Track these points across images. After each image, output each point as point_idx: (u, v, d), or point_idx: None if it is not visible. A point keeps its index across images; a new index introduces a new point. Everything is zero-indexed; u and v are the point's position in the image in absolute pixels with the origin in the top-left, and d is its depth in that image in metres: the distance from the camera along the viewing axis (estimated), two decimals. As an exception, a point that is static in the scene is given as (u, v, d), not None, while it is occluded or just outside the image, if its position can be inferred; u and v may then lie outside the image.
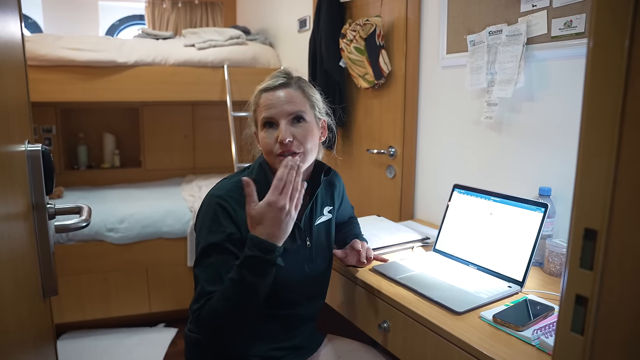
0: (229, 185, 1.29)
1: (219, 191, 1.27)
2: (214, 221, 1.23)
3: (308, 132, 1.29)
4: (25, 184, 0.94)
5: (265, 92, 1.30)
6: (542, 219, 1.34)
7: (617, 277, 0.62)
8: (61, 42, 2.94)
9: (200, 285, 1.19)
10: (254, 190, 1.14)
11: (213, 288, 1.17)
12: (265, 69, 3.34)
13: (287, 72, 1.35)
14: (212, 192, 1.28)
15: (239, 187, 1.25)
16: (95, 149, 3.78)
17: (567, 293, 0.69)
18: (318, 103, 1.36)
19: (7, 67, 0.87)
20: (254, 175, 1.31)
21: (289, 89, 1.30)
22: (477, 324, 1.15)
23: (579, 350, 0.68)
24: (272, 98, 1.28)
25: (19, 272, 0.83)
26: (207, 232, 1.22)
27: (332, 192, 1.47)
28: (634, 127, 0.58)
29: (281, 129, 1.26)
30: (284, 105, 1.27)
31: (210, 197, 1.26)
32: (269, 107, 1.27)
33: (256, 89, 1.35)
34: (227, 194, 1.25)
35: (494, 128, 1.73)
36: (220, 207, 1.23)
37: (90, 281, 2.79)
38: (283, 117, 1.26)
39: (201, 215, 1.27)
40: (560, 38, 1.45)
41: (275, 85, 1.30)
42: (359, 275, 1.45)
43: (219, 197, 1.24)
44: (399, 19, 2.18)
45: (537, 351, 1.02)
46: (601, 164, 0.62)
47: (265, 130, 1.29)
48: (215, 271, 1.19)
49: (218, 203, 1.23)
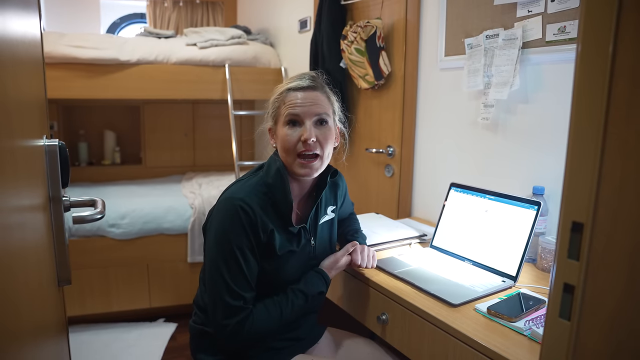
0: (248, 188, 1.30)
1: (240, 193, 1.27)
2: (238, 225, 1.24)
3: (329, 136, 1.33)
4: (43, 177, 0.98)
5: (293, 91, 1.33)
6: (535, 216, 1.39)
7: (601, 266, 0.67)
8: (64, 39, 2.98)
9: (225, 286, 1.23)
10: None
11: (246, 294, 1.24)
12: (266, 68, 3.38)
13: (314, 75, 1.38)
14: (232, 194, 1.28)
15: (259, 189, 1.30)
16: (96, 146, 3.81)
17: (555, 282, 0.74)
18: (338, 110, 1.41)
19: (29, 64, 0.91)
20: (271, 179, 1.32)
21: (317, 92, 1.33)
22: (472, 316, 1.20)
23: (566, 334, 0.73)
24: (301, 97, 1.31)
25: (39, 261, 0.88)
26: (235, 235, 1.24)
27: (335, 193, 1.52)
28: (617, 129, 0.63)
29: (306, 128, 1.29)
30: (312, 106, 1.30)
31: (232, 200, 1.26)
32: (297, 105, 1.30)
33: (281, 87, 1.37)
34: (248, 196, 1.26)
35: (490, 129, 1.79)
36: (243, 211, 1.24)
37: (92, 276, 2.83)
38: (309, 117, 1.30)
39: (220, 217, 1.27)
40: (555, 43, 1.50)
41: (304, 86, 1.33)
42: (358, 270, 1.50)
43: (241, 200, 1.25)
44: (398, 21, 2.23)
45: (529, 341, 1.07)
46: (587, 162, 0.67)
47: (288, 127, 1.31)
48: (242, 275, 1.24)
49: (241, 207, 1.24)
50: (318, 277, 1.37)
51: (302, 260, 1.38)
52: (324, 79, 1.40)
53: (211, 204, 3.02)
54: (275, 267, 1.31)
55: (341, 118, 1.42)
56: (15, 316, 0.70)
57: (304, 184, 1.39)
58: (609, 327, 0.67)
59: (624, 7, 0.61)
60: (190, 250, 2.99)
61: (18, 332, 0.72)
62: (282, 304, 1.30)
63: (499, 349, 1.04)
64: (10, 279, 0.68)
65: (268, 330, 1.27)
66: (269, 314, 1.27)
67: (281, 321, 1.29)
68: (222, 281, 1.23)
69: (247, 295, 1.24)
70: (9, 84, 0.74)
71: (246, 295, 1.24)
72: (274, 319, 1.27)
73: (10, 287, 0.68)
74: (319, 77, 1.39)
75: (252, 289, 1.26)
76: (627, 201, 0.63)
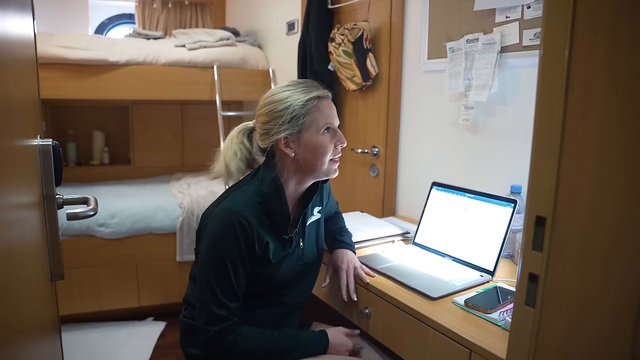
0: (244, 200, 1.32)
1: (237, 206, 1.29)
2: (233, 238, 1.27)
3: None
4: (37, 175, 1.02)
5: (323, 99, 1.36)
6: (511, 214, 1.46)
7: (561, 256, 0.73)
8: (53, 40, 2.99)
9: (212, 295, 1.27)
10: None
11: (231, 304, 1.29)
12: (254, 70, 3.43)
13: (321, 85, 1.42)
14: (229, 206, 1.30)
15: (255, 200, 1.33)
16: (85, 146, 3.82)
17: (522, 272, 0.80)
18: None
19: (23, 64, 0.94)
20: (266, 189, 1.34)
21: (331, 101, 1.41)
22: (451, 308, 1.26)
23: (531, 321, 0.79)
24: (331, 106, 1.38)
25: (35, 256, 0.92)
26: (229, 247, 1.27)
27: (321, 194, 1.57)
28: (573, 131, 0.69)
29: (340, 134, 1.38)
30: (336, 114, 1.39)
31: (230, 213, 1.28)
32: (331, 114, 1.36)
33: (305, 94, 1.34)
34: (245, 210, 1.29)
35: (471, 129, 1.85)
36: (240, 226, 1.26)
37: (81, 275, 2.85)
38: (336, 125, 1.38)
39: (217, 228, 1.29)
40: (531, 47, 1.57)
41: (327, 95, 1.39)
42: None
43: (238, 214, 1.27)
44: (384, 24, 2.29)
45: (502, 330, 1.13)
46: (548, 162, 0.73)
47: (326, 135, 1.35)
48: (231, 286, 1.29)
49: (239, 222, 1.26)
50: (318, 340, 1.41)
51: (292, 262, 1.42)
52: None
53: (200, 204, 3.06)
54: (269, 271, 1.36)
55: None
56: (17, 311, 0.74)
57: (300, 188, 1.43)
58: (567, 312, 0.72)
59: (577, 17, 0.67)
60: (179, 249, 3.02)
61: (20, 327, 0.75)
62: (270, 339, 1.34)
63: (474, 338, 1.10)
64: (13, 275, 0.71)
65: (247, 352, 1.31)
66: (253, 339, 1.31)
67: (261, 351, 1.32)
68: (209, 290, 1.28)
69: (232, 306, 1.29)
70: (10, 84, 0.78)
71: (231, 305, 1.29)
72: (255, 345, 1.31)
73: (13, 283, 0.71)
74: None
75: (238, 300, 1.31)
76: (582, 197, 0.69)
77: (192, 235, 3.03)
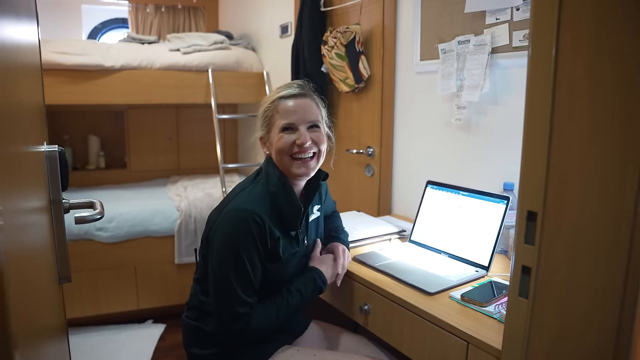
0: (255, 198, 1.36)
1: (249, 205, 1.33)
2: (248, 236, 1.30)
3: (322, 137, 1.43)
4: (45, 181, 1.05)
5: (284, 100, 1.40)
6: (504, 210, 1.50)
7: (551, 249, 0.77)
8: (48, 46, 3.00)
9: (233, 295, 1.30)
10: (320, 247, 1.54)
11: (250, 299, 1.32)
12: (249, 72, 3.46)
13: (302, 83, 1.46)
14: (241, 206, 1.33)
15: (265, 198, 1.37)
16: (80, 151, 3.84)
17: (515, 265, 0.84)
18: (325, 117, 1.50)
19: (30, 71, 0.97)
20: (274, 187, 1.38)
21: (307, 99, 1.42)
22: (447, 303, 1.30)
23: (524, 311, 0.83)
24: (293, 104, 1.39)
25: (44, 259, 0.95)
26: (244, 246, 1.30)
27: (320, 192, 1.61)
28: (560, 130, 0.73)
29: (301, 133, 1.37)
30: (304, 113, 1.39)
31: (242, 211, 1.31)
32: (290, 113, 1.38)
33: (271, 96, 1.44)
34: (258, 208, 1.32)
35: (463, 129, 1.89)
36: (255, 222, 1.30)
37: (80, 279, 2.87)
38: (302, 123, 1.38)
39: (230, 228, 1.32)
40: (520, 48, 1.61)
41: (294, 93, 1.41)
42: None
43: (253, 212, 1.30)
44: (376, 27, 2.33)
45: (498, 323, 1.17)
46: (538, 159, 0.77)
47: (284, 133, 1.38)
48: (250, 283, 1.32)
49: (253, 219, 1.29)
50: (313, 276, 1.44)
51: (298, 258, 1.47)
52: (310, 87, 1.48)
53: (197, 207, 3.08)
54: (279, 267, 1.39)
55: (328, 124, 1.51)
56: (33, 313, 0.77)
57: (298, 187, 1.46)
58: (558, 302, 0.77)
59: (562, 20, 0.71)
60: (178, 251, 3.04)
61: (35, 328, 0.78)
62: (279, 304, 1.37)
63: (471, 331, 1.14)
64: (27, 277, 0.74)
65: (266, 327, 1.36)
66: (266, 314, 1.35)
67: (279, 319, 1.37)
68: (231, 290, 1.30)
69: (252, 301, 1.32)
70: (19, 91, 0.80)
71: (251, 301, 1.32)
72: (271, 318, 1.36)
73: (28, 285, 0.74)
74: (307, 85, 1.47)
75: (256, 294, 1.35)
76: (570, 192, 0.73)
77: (190, 237, 3.05)
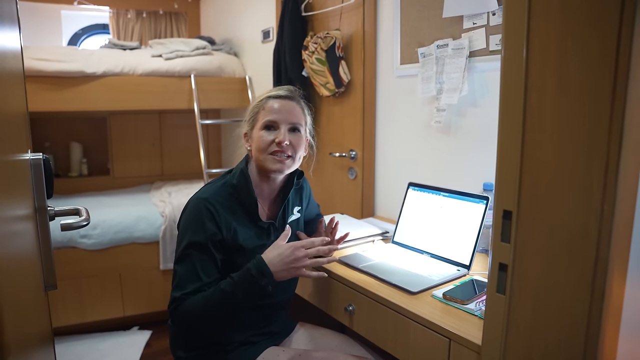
0: (214, 189, 1.43)
1: (205, 194, 1.40)
2: (198, 222, 1.36)
3: (301, 142, 1.47)
4: (29, 188, 1.05)
5: (272, 99, 1.47)
6: (484, 210, 1.54)
7: (526, 246, 0.80)
8: (28, 52, 2.97)
9: (177, 280, 1.34)
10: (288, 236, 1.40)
11: (191, 285, 1.32)
12: (231, 77, 3.47)
13: (292, 89, 1.53)
14: (198, 195, 1.41)
15: (224, 190, 1.42)
16: (62, 158, 3.80)
17: (492, 262, 0.88)
18: (309, 124, 1.55)
19: (14, 78, 0.97)
20: (236, 180, 1.44)
21: (294, 102, 1.48)
22: (430, 302, 1.33)
23: (502, 307, 0.86)
24: (279, 105, 1.45)
25: (31, 267, 0.95)
26: (192, 232, 1.36)
27: (301, 194, 1.64)
28: (531, 133, 0.76)
29: (281, 132, 1.42)
30: (288, 114, 1.44)
31: (197, 200, 1.39)
32: (275, 112, 1.44)
33: (262, 95, 1.52)
34: (212, 197, 1.39)
35: (443, 131, 1.93)
36: (206, 209, 1.36)
37: (64, 288, 2.85)
38: (284, 123, 1.43)
39: (186, 216, 1.40)
40: (497, 52, 1.66)
41: (282, 95, 1.47)
42: (326, 267, 1.61)
43: (205, 200, 1.38)
44: (356, 32, 2.36)
45: (479, 320, 1.20)
46: (511, 160, 0.80)
47: (264, 130, 1.44)
48: (194, 269, 1.34)
49: (205, 205, 1.36)
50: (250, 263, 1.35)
51: None
52: (300, 93, 1.54)
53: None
54: (247, 260, 1.39)
55: (311, 132, 1.55)
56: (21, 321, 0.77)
57: (274, 184, 1.51)
58: (533, 297, 0.80)
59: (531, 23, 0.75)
60: (163, 257, 3.04)
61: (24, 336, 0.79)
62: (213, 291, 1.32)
63: (453, 328, 1.17)
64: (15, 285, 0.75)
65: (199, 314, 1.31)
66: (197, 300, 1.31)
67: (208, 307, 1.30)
68: (175, 273, 1.36)
69: (191, 288, 1.32)
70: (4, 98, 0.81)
71: (190, 287, 1.32)
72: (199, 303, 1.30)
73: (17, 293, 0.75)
74: (297, 91, 1.53)
75: (200, 281, 1.33)
76: (542, 192, 0.76)
77: (175, 243, 3.04)
